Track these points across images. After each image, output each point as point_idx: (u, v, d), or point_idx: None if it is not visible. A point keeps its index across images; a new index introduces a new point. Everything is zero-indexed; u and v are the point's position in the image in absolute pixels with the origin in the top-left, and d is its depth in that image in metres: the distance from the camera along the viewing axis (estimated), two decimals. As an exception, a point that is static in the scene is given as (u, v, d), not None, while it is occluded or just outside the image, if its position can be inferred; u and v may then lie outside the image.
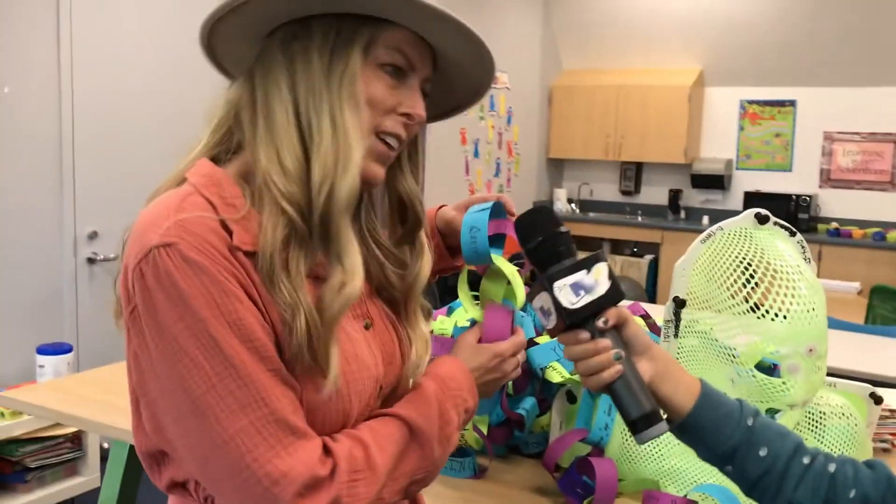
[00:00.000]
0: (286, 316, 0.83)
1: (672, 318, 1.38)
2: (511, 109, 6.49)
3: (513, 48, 6.45)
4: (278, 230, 0.85)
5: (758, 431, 0.93)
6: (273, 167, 0.86)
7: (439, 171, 5.63)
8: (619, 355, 0.90)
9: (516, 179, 6.71)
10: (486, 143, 6.24)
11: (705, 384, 0.97)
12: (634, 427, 0.90)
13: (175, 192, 0.86)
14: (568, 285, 0.91)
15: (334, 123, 0.86)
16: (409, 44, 0.91)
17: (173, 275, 0.79)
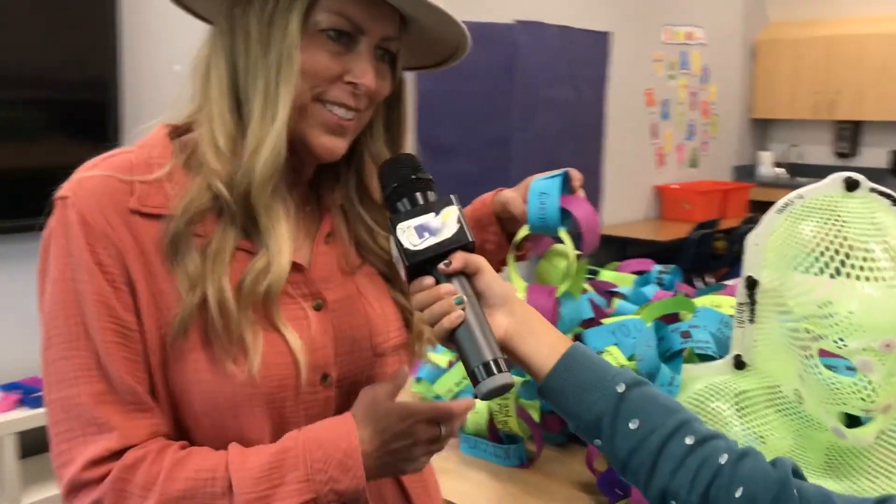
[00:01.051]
0: (182, 287, 0.81)
1: (746, 300, 1.19)
2: (707, 67, 6.05)
3: (709, 1, 5.99)
4: (197, 202, 0.83)
5: (630, 400, 0.79)
6: (207, 142, 0.84)
7: (621, 135, 5.38)
8: (461, 300, 0.82)
9: (714, 142, 6.26)
10: (678, 104, 5.87)
11: (577, 345, 0.84)
12: (473, 377, 0.81)
13: (111, 151, 0.87)
14: (413, 227, 0.84)
15: (267, 97, 0.83)
16: (353, 4, 0.84)
17: (54, 229, 0.83)
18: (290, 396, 0.86)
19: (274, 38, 0.82)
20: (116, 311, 0.80)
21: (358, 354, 0.92)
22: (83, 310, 0.80)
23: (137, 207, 0.82)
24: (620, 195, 5.51)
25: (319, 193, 0.97)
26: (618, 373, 0.83)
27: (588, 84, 5.09)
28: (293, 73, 0.82)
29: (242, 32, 0.84)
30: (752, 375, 1.19)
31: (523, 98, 4.66)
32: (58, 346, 0.81)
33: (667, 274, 1.78)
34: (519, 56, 4.59)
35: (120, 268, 0.81)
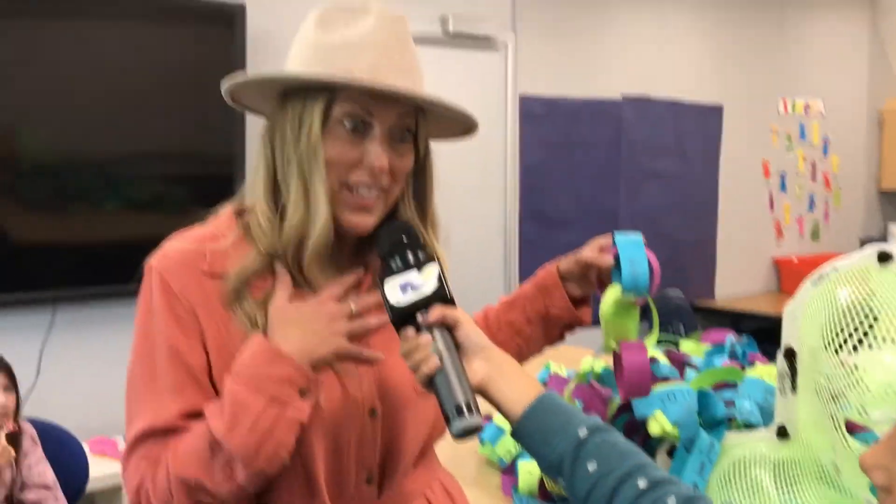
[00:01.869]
0: (245, 328, 0.98)
1: (786, 370, 1.21)
2: (827, 138, 5.90)
3: (831, 71, 5.88)
4: (255, 264, 1.00)
5: (590, 445, 0.85)
6: (253, 220, 1.02)
7: (736, 207, 5.30)
8: (436, 349, 0.91)
9: (836, 214, 6.06)
10: (796, 176, 5.74)
11: (548, 393, 0.91)
12: (446, 419, 0.89)
13: (192, 227, 1.07)
14: (398, 284, 0.94)
15: (303, 188, 0.98)
16: (363, 98, 0.98)
17: (144, 291, 1.02)
18: (343, 425, 1.00)
19: (302, 135, 0.99)
20: (185, 357, 0.97)
21: (400, 391, 1.05)
22: (156, 355, 0.98)
23: (209, 270, 1.00)
24: (736, 268, 5.41)
25: (365, 255, 1.09)
26: (583, 419, 0.89)
27: (699, 156, 5.09)
28: (320, 162, 0.97)
29: (280, 132, 1.01)
30: (794, 445, 1.21)
31: (630, 170, 4.72)
32: (134, 389, 1.00)
33: (740, 345, 1.80)
34: (625, 129, 4.67)
35: (192, 320, 0.98)
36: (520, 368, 0.95)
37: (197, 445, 0.93)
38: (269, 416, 0.91)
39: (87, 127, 2.99)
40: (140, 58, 3.09)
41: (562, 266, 1.28)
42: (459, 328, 0.95)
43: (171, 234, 1.06)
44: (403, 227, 1.02)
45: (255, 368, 0.93)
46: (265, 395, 0.91)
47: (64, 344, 3.03)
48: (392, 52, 1.00)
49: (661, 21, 4.89)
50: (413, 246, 0.98)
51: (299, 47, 1.03)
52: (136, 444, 0.97)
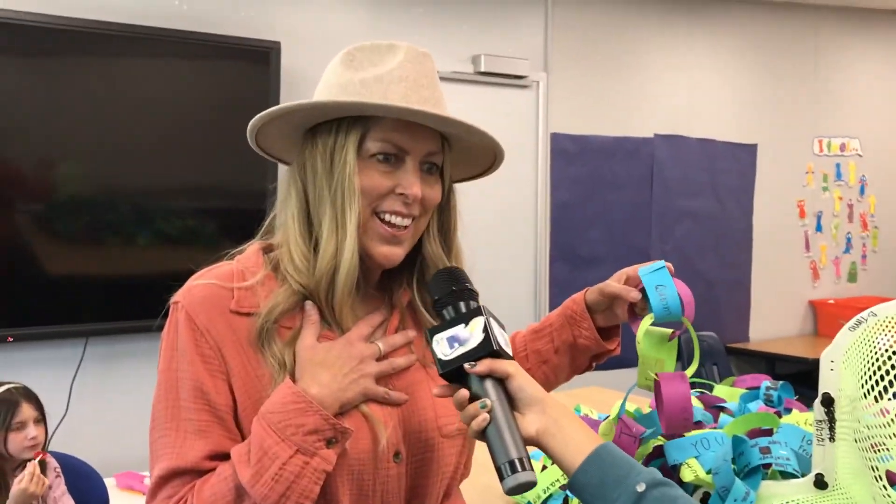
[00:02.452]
0: (273, 370, 0.96)
1: (824, 417, 1.17)
2: (864, 178, 5.82)
3: (867, 110, 5.82)
4: (284, 303, 0.99)
5: (649, 499, 0.84)
6: (285, 258, 1.02)
7: (771, 247, 5.23)
8: (484, 405, 0.91)
9: (874, 256, 5.95)
10: (833, 216, 5.66)
11: (605, 445, 0.89)
12: (499, 473, 0.88)
13: (216, 264, 1.05)
14: (445, 338, 0.94)
15: (335, 220, 0.98)
16: (397, 131, 1.00)
17: (169, 328, 1.01)
18: (368, 469, 0.99)
19: (335, 168, 0.99)
20: (210, 396, 0.96)
21: (425, 435, 1.04)
22: (180, 395, 0.96)
23: (236, 308, 0.99)
24: (771, 309, 5.32)
25: (389, 292, 1.09)
26: (641, 472, 0.88)
27: (733, 196, 5.04)
28: (355, 195, 0.97)
29: (311, 167, 1.01)
30: (833, 495, 1.16)
31: (662, 209, 4.68)
32: (158, 426, 0.98)
33: (775, 390, 1.75)
34: (658, 168, 4.65)
35: (218, 358, 0.97)
36: (576, 420, 0.94)
37: (223, 489, 0.92)
38: (295, 466, 0.91)
39: (122, 162, 3.04)
40: (174, 94, 3.14)
41: (588, 297, 1.27)
42: (512, 380, 0.94)
43: (197, 271, 1.05)
44: (453, 274, 1.02)
45: (284, 417, 0.92)
46: (292, 445, 0.91)
47: (94, 377, 3.06)
48: (421, 85, 1.01)
49: (695, 60, 4.88)
50: (458, 297, 0.99)
51: (327, 85, 1.04)
52: (160, 485, 0.95)
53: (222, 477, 0.93)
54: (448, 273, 1.02)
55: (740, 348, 5.05)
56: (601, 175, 4.46)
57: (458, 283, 1.00)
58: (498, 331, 0.96)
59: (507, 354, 0.96)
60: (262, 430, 0.92)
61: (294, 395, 0.93)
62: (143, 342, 3.13)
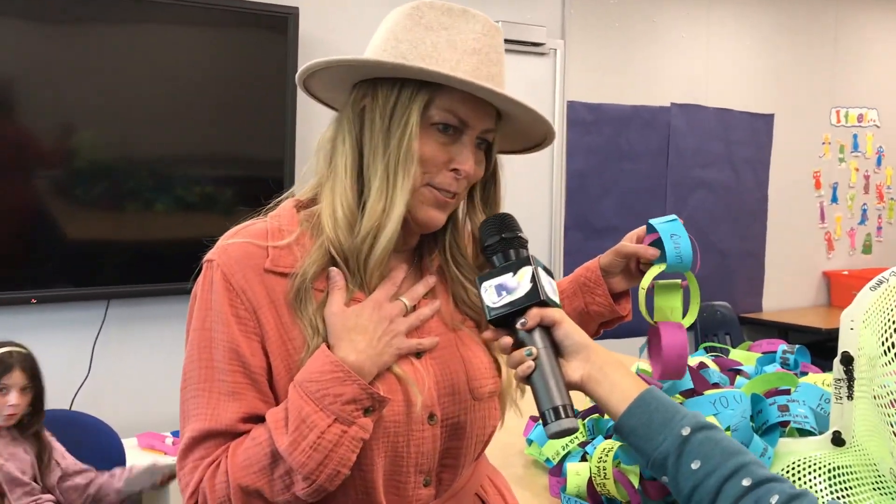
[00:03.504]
0: (307, 336, 0.96)
1: (843, 376, 1.19)
2: (881, 149, 5.78)
3: (886, 81, 5.77)
4: (318, 263, 0.98)
5: (693, 443, 0.86)
6: (327, 213, 1.00)
7: (786, 218, 5.22)
8: (531, 352, 0.93)
9: (890, 228, 5.93)
10: (848, 188, 5.63)
11: (650, 389, 0.91)
12: (543, 419, 0.92)
13: (248, 221, 1.05)
14: (493, 286, 0.96)
15: (386, 180, 0.97)
16: (462, 104, 0.99)
17: (203, 286, 0.98)
18: (402, 432, 0.99)
19: (394, 128, 0.98)
20: (246, 358, 0.95)
21: (458, 397, 1.05)
22: (214, 355, 0.96)
23: (271, 268, 0.98)
24: (785, 280, 5.32)
25: (422, 256, 1.10)
26: (686, 416, 0.90)
27: (749, 166, 5.03)
28: (412, 159, 0.97)
29: (369, 122, 1.00)
30: (850, 452, 1.19)
31: (678, 179, 4.68)
32: (191, 386, 0.97)
33: (792, 354, 1.77)
34: (674, 137, 4.63)
35: (253, 320, 0.96)
36: (622, 366, 0.96)
37: (258, 454, 0.92)
38: (333, 435, 0.91)
39: (141, 129, 3.06)
40: (193, 61, 3.15)
41: (603, 262, 1.29)
42: (558, 328, 0.96)
43: (229, 229, 1.03)
44: (503, 222, 1.03)
45: (323, 386, 0.92)
46: (330, 415, 0.91)
47: (116, 339, 3.10)
48: (491, 61, 1.00)
49: (713, 29, 4.84)
50: (508, 245, 1.00)
51: (394, 38, 1.00)
52: (193, 445, 0.95)
53: (257, 442, 0.93)
54: (499, 220, 1.03)
55: (753, 318, 5.06)
56: (617, 144, 4.46)
57: (508, 230, 1.01)
58: (546, 279, 0.98)
59: (554, 303, 0.97)
60: (300, 398, 0.92)
61: (332, 365, 0.93)
62: (164, 305, 3.17)
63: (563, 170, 4.29)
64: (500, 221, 1.03)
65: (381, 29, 1.04)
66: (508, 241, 1.00)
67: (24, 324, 2.94)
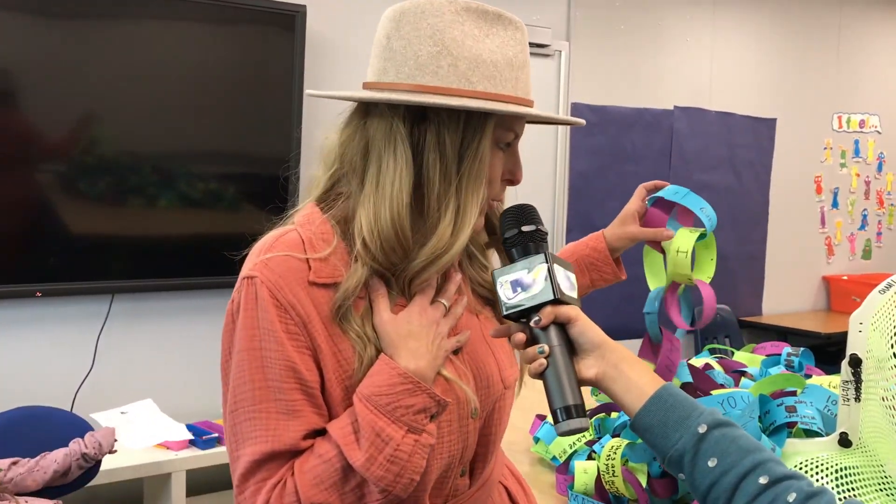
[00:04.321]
0: (357, 347, 0.95)
1: (851, 378, 1.21)
2: (882, 155, 5.80)
3: (888, 87, 5.79)
4: (356, 281, 0.96)
5: (710, 441, 0.86)
6: (367, 228, 0.96)
7: (787, 222, 5.24)
8: (542, 350, 0.94)
9: (889, 234, 5.95)
10: (849, 193, 5.65)
11: (667, 387, 0.91)
12: (554, 417, 0.92)
13: (278, 230, 1.02)
14: (509, 281, 0.96)
15: (458, 207, 0.96)
16: (518, 120, 1.01)
17: (247, 304, 0.95)
18: (454, 430, 1.01)
19: (466, 152, 0.95)
20: (302, 374, 0.93)
21: (493, 388, 1.07)
22: (268, 375, 0.93)
23: (315, 280, 0.95)
24: (785, 284, 5.34)
25: None
26: (702, 413, 0.90)
27: (751, 170, 5.04)
28: (482, 182, 0.97)
29: (434, 147, 0.95)
30: (857, 453, 1.20)
31: (680, 181, 4.66)
32: (242, 409, 0.94)
33: (796, 356, 1.78)
34: (677, 140, 4.65)
35: (305, 334, 0.94)
36: (638, 363, 0.96)
37: (328, 470, 0.92)
38: (408, 446, 0.91)
39: (147, 124, 3.06)
40: (200, 58, 3.15)
41: (613, 243, 1.43)
42: (573, 325, 0.96)
43: (258, 242, 1.00)
44: (522, 214, 1.02)
45: (394, 399, 0.92)
46: (403, 426, 0.91)
47: (120, 334, 3.11)
48: (520, 66, 0.99)
49: (717, 33, 4.86)
50: (526, 239, 1.00)
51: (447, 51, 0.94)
52: (254, 468, 0.93)
53: (325, 459, 0.92)
54: (519, 211, 1.02)
55: (753, 322, 5.07)
56: (620, 146, 4.47)
57: (528, 222, 1.01)
58: (562, 275, 0.97)
59: (571, 299, 0.97)
60: (371, 413, 0.91)
61: (401, 377, 0.92)
62: (168, 301, 3.18)
63: (566, 171, 4.30)
64: (520, 212, 1.02)
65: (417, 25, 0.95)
66: (527, 234, 1.00)
67: (28, 317, 2.95)
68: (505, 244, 1.02)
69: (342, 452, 0.91)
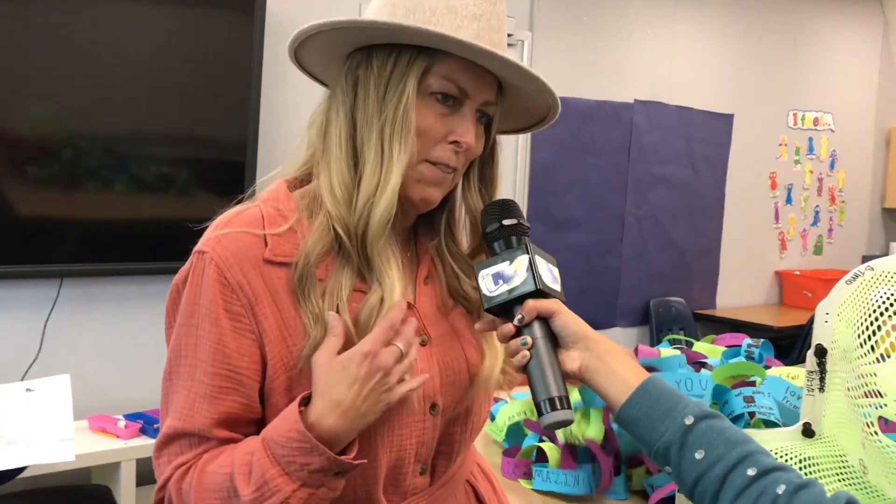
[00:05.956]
0: (308, 322, 0.90)
1: (816, 368, 1.21)
2: (835, 153, 5.91)
3: (841, 87, 5.89)
4: (319, 244, 0.93)
5: (697, 433, 0.85)
6: (325, 189, 0.94)
7: (742, 217, 5.31)
8: (525, 342, 0.93)
9: (840, 230, 6.07)
10: (803, 189, 5.74)
11: (652, 378, 0.90)
12: (538, 409, 0.91)
13: (239, 207, 0.98)
14: (490, 274, 0.95)
15: (381, 151, 0.93)
16: (463, 72, 0.94)
17: (192, 279, 0.92)
18: (405, 424, 0.97)
19: (390, 97, 0.93)
20: (232, 359, 0.90)
21: (459, 385, 1.02)
22: (199, 354, 0.91)
23: (270, 258, 0.92)
24: (738, 278, 5.41)
25: (417, 239, 1.07)
26: (688, 405, 0.89)
27: (707, 164, 5.09)
28: (408, 130, 0.92)
29: (363, 91, 0.95)
30: (819, 443, 1.20)
31: (638, 174, 4.72)
32: (175, 381, 0.93)
33: (756, 348, 1.79)
34: (636, 133, 4.67)
35: (250, 317, 0.90)
36: (622, 355, 0.94)
37: (221, 484, 0.88)
38: (300, 499, 0.86)
39: (100, 107, 2.97)
40: (156, 40, 3.07)
41: None
42: (556, 318, 0.95)
43: (219, 216, 0.96)
44: (503, 208, 1.00)
45: (289, 452, 0.85)
46: (297, 480, 0.86)
47: (69, 319, 3.02)
48: (493, 28, 0.95)
49: (679, 28, 4.89)
50: (508, 233, 0.98)
51: (390, 3, 0.95)
52: (167, 441, 0.93)
53: (222, 473, 0.88)
54: (500, 206, 1.00)
55: (707, 315, 5.13)
56: (581, 138, 4.47)
57: (509, 216, 0.99)
58: (545, 268, 0.96)
59: (554, 291, 0.96)
60: (265, 458, 0.86)
61: (299, 434, 0.85)
62: (119, 285, 3.10)
63: (527, 162, 4.30)
64: (501, 208, 1.00)
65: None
66: (509, 228, 0.98)
67: (-27, 301, 2.85)
68: (486, 238, 0.99)
69: (234, 480, 0.87)
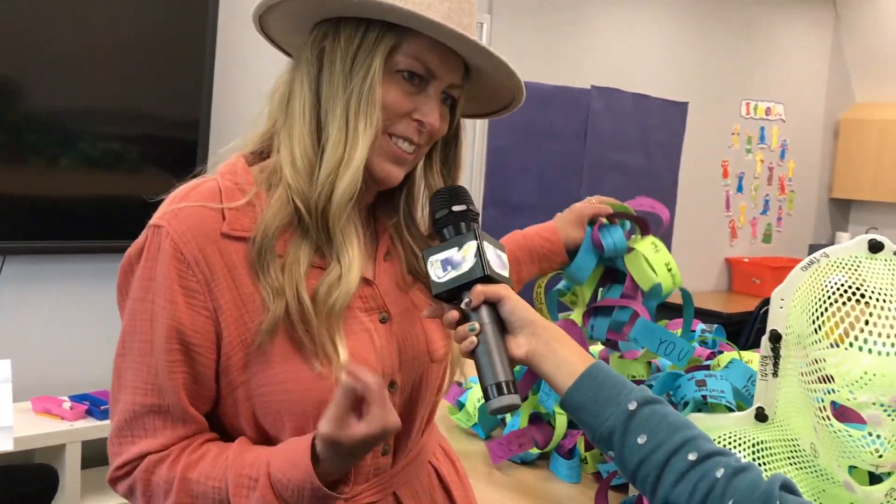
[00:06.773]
0: (266, 297, 0.89)
1: (769, 353, 1.22)
2: (786, 143, 6.02)
3: (793, 78, 5.99)
4: (278, 217, 0.91)
5: (640, 418, 0.86)
6: (286, 160, 0.93)
7: (694, 204, 5.37)
8: (473, 328, 0.93)
9: (789, 219, 6.19)
10: (754, 178, 5.84)
11: (597, 364, 0.91)
12: (485, 394, 0.91)
13: (196, 180, 0.96)
14: (439, 261, 0.95)
15: (346, 125, 0.91)
16: (430, 52, 0.93)
17: (147, 254, 0.90)
18: None
19: (356, 71, 0.91)
20: (186, 335, 0.88)
21: (417, 361, 1.02)
22: (155, 329, 0.89)
23: (228, 232, 0.90)
24: (689, 264, 5.48)
25: (376, 217, 1.06)
26: (632, 390, 0.89)
27: (662, 152, 5.13)
28: (374, 105, 0.91)
29: (328, 63, 0.93)
30: (771, 428, 1.22)
31: (594, 160, 4.73)
32: (129, 356, 0.91)
33: (710, 333, 1.81)
34: (592, 119, 4.68)
35: (205, 293, 0.89)
36: (567, 341, 0.94)
37: (211, 496, 0.88)
38: None
39: (48, 82, 2.88)
40: (107, 14, 2.98)
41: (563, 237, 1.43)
42: (503, 304, 0.94)
43: (176, 189, 0.94)
44: (453, 194, 1.00)
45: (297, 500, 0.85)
46: None
47: (12, 297, 2.93)
48: (462, 10, 0.95)
49: (635, 16, 4.91)
50: (457, 219, 0.98)
51: None
52: (133, 419, 0.90)
53: (212, 486, 0.87)
54: (450, 192, 1.01)
55: (658, 301, 5.19)
56: (538, 123, 4.47)
57: (458, 202, 0.99)
58: (493, 254, 0.96)
59: (502, 277, 0.96)
60: (271, 494, 0.85)
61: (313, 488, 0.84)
62: (64, 263, 3.02)
63: (483, 146, 4.29)
64: (451, 194, 1.00)
65: None
66: (458, 214, 0.98)
67: None
68: (436, 225, 0.99)
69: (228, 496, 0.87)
